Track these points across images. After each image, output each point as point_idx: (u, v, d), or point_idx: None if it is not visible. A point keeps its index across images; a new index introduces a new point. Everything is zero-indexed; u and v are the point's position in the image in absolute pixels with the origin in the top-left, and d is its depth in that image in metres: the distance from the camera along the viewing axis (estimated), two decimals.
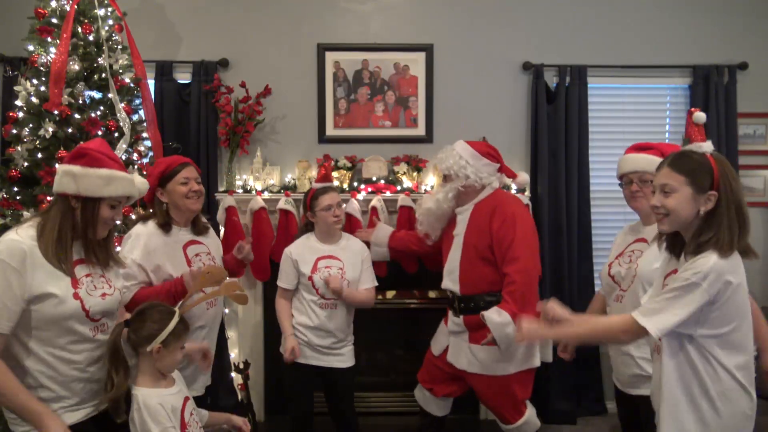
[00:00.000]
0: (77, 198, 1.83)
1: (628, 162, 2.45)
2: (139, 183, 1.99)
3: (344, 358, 2.87)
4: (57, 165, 1.91)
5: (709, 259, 1.67)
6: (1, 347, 1.71)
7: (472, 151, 2.82)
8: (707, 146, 1.78)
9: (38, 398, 1.75)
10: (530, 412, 2.89)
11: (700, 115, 1.85)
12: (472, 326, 2.77)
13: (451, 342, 2.90)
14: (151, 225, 2.45)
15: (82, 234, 1.86)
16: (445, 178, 2.90)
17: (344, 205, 3.05)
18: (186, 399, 1.96)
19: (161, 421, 1.80)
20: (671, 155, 1.82)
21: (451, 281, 2.86)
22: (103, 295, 1.90)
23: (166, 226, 2.46)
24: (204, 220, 2.67)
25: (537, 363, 2.82)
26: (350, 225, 3.43)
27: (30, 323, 1.76)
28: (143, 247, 2.39)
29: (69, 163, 1.85)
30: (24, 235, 1.78)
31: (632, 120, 3.93)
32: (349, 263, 2.85)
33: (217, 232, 3.36)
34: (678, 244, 1.85)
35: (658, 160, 2.02)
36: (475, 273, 2.78)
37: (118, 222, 2.26)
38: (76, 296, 1.81)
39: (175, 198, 2.46)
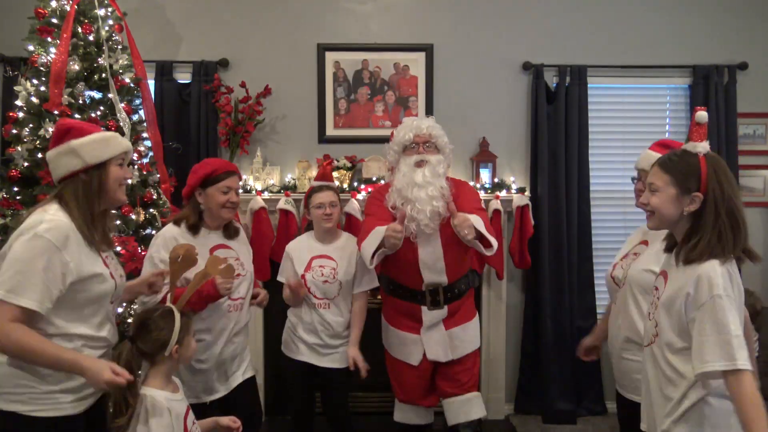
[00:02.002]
0: (86, 170, 1.80)
1: (642, 158, 2.33)
2: (123, 140, 1.96)
3: (340, 358, 2.85)
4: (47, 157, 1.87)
5: (713, 269, 1.64)
6: (27, 322, 1.67)
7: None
8: (702, 147, 1.76)
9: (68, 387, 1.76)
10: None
11: (701, 115, 1.82)
12: (453, 311, 2.82)
13: (426, 341, 2.81)
14: (183, 226, 2.42)
15: (103, 205, 1.86)
16: (418, 149, 2.74)
17: (338, 205, 3.00)
18: (188, 407, 1.97)
19: (164, 425, 1.81)
20: (664, 155, 1.81)
21: (435, 274, 2.75)
22: (121, 276, 1.95)
23: (195, 228, 2.42)
24: (236, 223, 2.60)
25: None
26: (350, 225, 3.43)
27: (71, 303, 1.75)
28: (167, 248, 2.34)
29: (59, 144, 1.81)
30: (61, 216, 1.76)
31: (632, 120, 3.93)
32: (342, 263, 2.82)
33: None
34: (674, 245, 1.85)
35: None
36: (460, 257, 2.77)
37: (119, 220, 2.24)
38: (111, 276, 1.85)
39: (211, 204, 2.40)
